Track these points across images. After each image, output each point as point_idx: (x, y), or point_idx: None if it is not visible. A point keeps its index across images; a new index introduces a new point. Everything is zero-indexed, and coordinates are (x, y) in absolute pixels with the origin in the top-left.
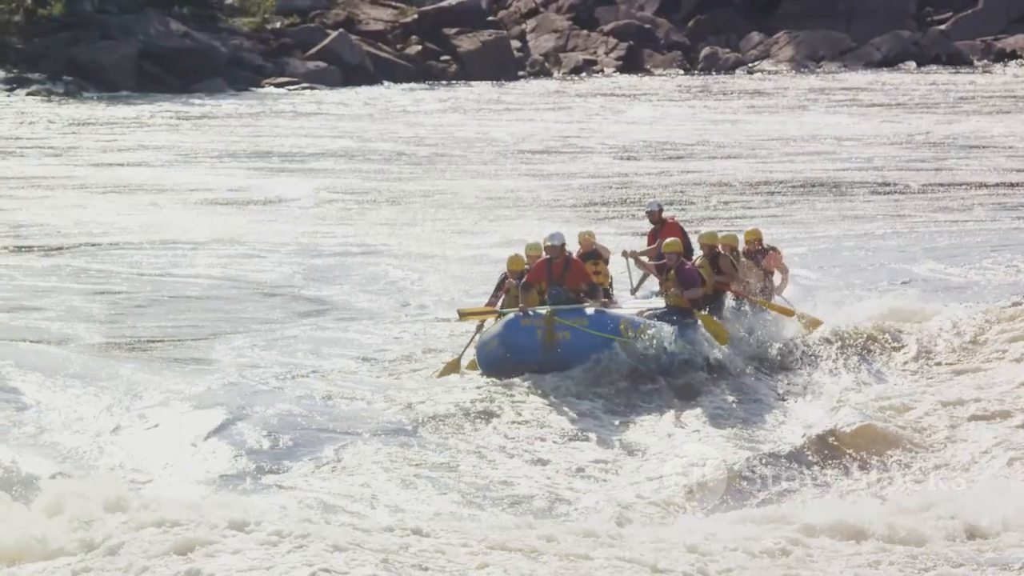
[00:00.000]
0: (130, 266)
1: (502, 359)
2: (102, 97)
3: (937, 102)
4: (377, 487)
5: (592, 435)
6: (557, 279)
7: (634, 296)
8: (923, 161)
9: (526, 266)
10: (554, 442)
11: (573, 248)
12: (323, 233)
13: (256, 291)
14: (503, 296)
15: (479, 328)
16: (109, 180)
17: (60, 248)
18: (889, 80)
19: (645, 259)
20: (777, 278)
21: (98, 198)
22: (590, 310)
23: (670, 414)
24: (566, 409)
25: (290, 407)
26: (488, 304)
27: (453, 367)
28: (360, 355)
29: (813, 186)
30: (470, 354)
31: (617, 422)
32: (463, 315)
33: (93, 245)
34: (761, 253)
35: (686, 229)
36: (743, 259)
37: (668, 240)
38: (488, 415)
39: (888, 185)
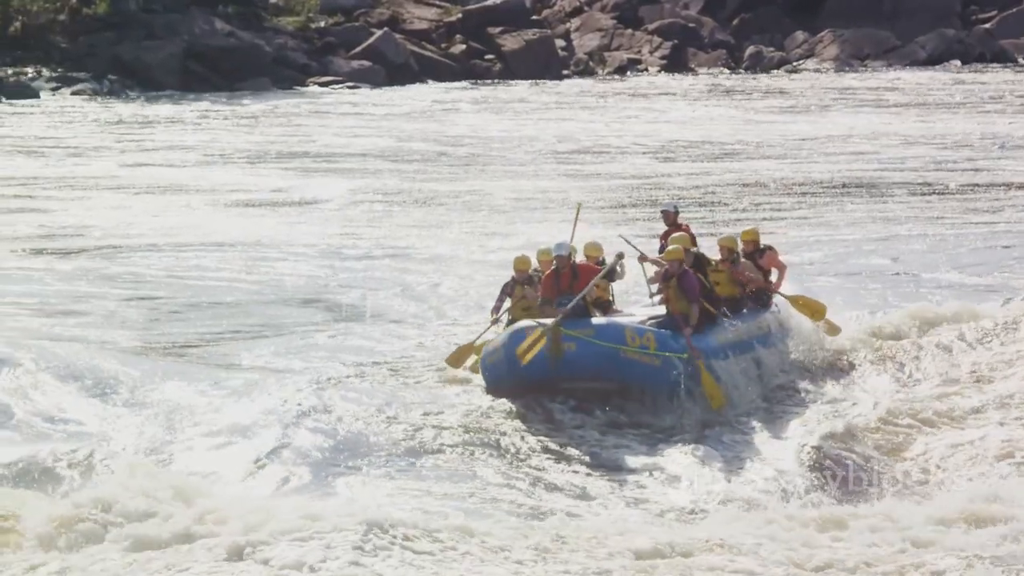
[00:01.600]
0: (163, 270)
1: (506, 372)
2: (147, 96)
3: (977, 101)
4: (422, 504)
5: (623, 463)
6: (566, 289)
7: (653, 301)
8: (956, 162)
9: (534, 268)
10: (587, 474)
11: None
12: (352, 235)
13: (284, 296)
14: (507, 300)
15: (495, 319)
16: (147, 180)
17: (96, 249)
18: (931, 79)
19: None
20: (774, 276)
21: (135, 199)
22: (597, 320)
23: (695, 441)
24: (593, 442)
25: (319, 420)
26: (494, 308)
27: (466, 352)
28: (381, 361)
29: (845, 186)
30: (487, 337)
31: (644, 452)
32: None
33: (128, 248)
34: (759, 253)
35: (712, 232)
36: (742, 260)
37: (671, 248)
38: (515, 450)
39: (921, 186)
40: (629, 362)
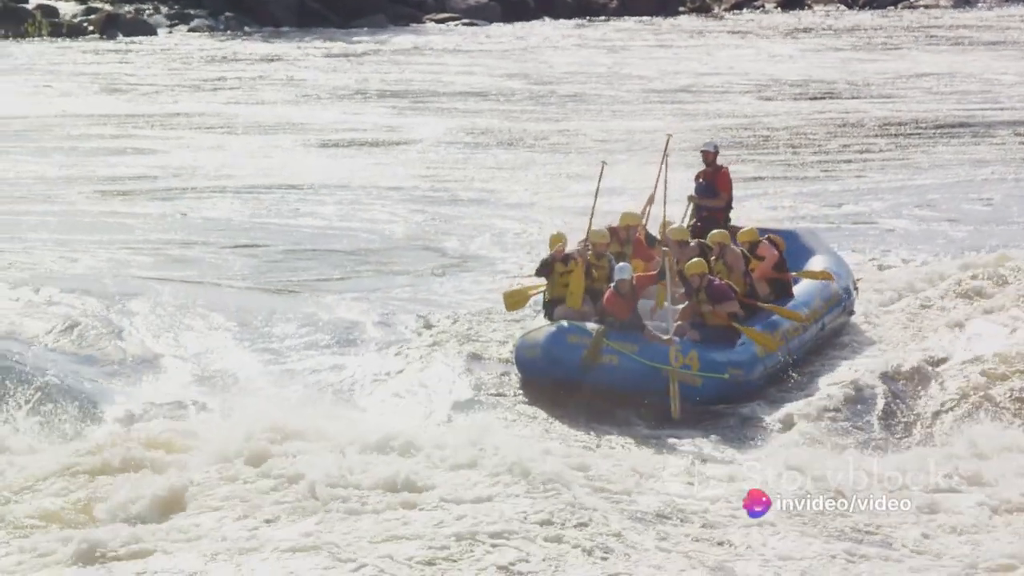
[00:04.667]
0: (259, 214)
1: (541, 369)
2: (262, 34)
3: None
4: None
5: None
6: (634, 307)
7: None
8: None
9: (582, 242)
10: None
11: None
12: (437, 178)
13: (370, 243)
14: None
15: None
16: (250, 119)
17: (195, 191)
18: None
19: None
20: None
21: (236, 139)
22: (644, 334)
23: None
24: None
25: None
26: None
27: (521, 297)
28: (446, 313)
29: (940, 127)
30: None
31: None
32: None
33: (226, 190)
34: (753, 247)
35: (797, 176)
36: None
37: (691, 261)
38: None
39: (1018, 125)
40: (670, 379)
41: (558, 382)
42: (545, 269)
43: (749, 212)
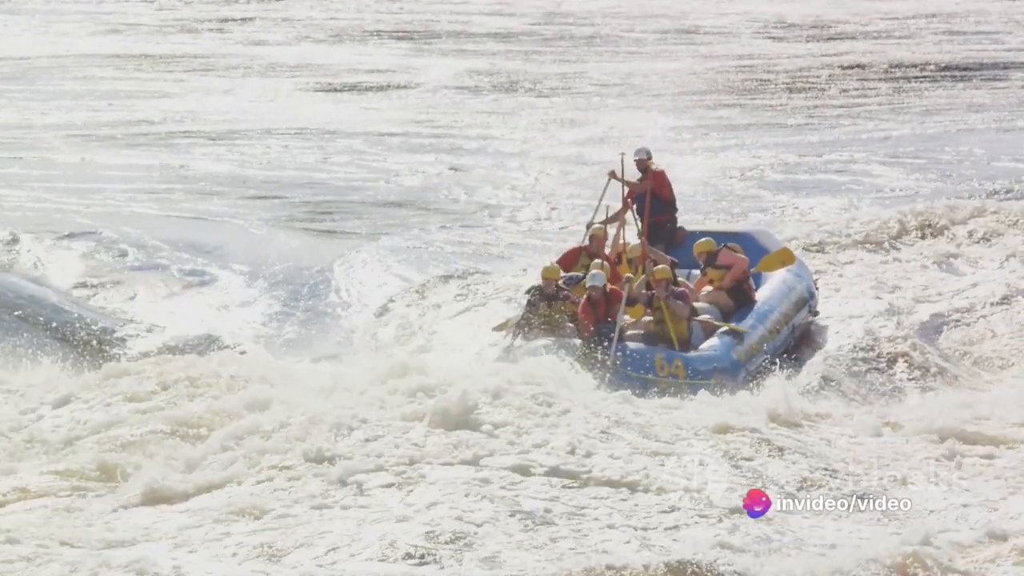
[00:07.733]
0: (252, 162)
1: None
2: None
3: None
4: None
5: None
6: (602, 317)
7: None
8: None
9: (561, 277)
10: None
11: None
12: (436, 123)
13: (365, 192)
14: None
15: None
16: (263, 60)
17: (204, 138)
18: None
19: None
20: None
21: (243, 81)
22: (632, 345)
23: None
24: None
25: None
26: (517, 325)
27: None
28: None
29: (944, 70)
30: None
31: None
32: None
33: (234, 137)
34: (713, 257)
35: (772, 123)
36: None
37: (658, 267)
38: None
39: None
40: (657, 390)
41: None
42: (535, 298)
43: (733, 161)
